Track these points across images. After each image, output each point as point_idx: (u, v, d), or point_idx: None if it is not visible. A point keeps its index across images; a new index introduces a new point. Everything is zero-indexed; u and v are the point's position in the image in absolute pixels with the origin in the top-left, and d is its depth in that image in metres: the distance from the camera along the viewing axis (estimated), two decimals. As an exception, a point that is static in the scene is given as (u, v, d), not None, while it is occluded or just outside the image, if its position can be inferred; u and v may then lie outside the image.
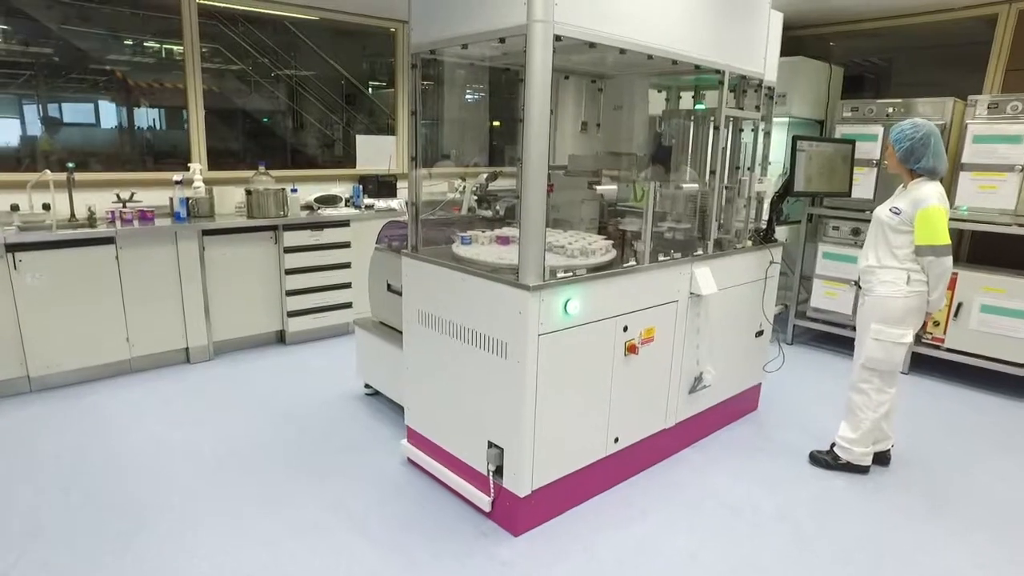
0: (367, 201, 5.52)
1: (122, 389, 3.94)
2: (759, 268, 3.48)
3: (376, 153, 6.21)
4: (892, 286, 2.83)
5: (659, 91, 3.97)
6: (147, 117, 5.63)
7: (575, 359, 2.53)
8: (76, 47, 5.16)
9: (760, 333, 3.64)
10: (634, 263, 2.67)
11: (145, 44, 5.37)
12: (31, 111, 5.03)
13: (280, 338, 4.86)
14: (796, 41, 5.70)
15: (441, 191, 6.18)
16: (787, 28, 5.83)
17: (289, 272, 4.69)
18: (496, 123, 6.49)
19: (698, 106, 3.69)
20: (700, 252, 3.02)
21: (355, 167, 5.96)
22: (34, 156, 4.86)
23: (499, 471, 2.58)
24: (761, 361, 3.74)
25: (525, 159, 2.21)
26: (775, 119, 5.01)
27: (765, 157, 3.58)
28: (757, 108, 3.23)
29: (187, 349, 4.35)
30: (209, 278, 4.37)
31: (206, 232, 4.31)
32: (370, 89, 6.94)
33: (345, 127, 6.74)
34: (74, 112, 5.37)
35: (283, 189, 4.73)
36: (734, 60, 2.97)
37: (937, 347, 4.40)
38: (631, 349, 2.73)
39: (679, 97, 3.96)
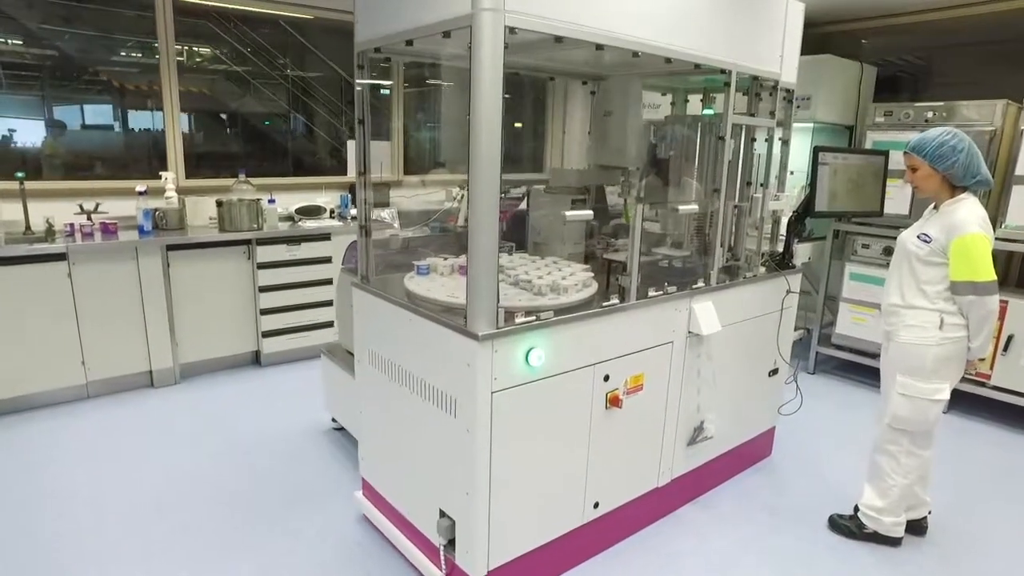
0: (355, 212, 5.17)
1: (73, 417, 3.64)
2: (774, 299, 3.02)
3: (373, 159, 5.86)
4: (921, 331, 2.34)
5: (663, 94, 3.53)
6: (154, 120, 5.32)
7: (541, 417, 2.12)
8: (60, 48, 4.90)
9: (774, 372, 3.18)
10: (616, 301, 2.24)
11: (137, 45, 5.06)
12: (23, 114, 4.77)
13: (256, 359, 4.53)
14: (824, 38, 5.18)
15: (438, 199, 5.83)
16: (813, 24, 5.31)
17: (263, 289, 4.35)
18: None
19: (706, 111, 3.25)
20: (701, 284, 2.58)
21: (347, 174, 5.62)
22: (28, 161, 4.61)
23: (452, 544, 2.18)
24: (775, 403, 3.27)
25: (472, 179, 1.81)
26: (797, 124, 4.53)
27: (782, 169, 3.12)
28: (772, 114, 2.77)
29: (151, 372, 4.04)
30: (176, 296, 4.05)
31: (171, 247, 3.99)
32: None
33: (349, 131, 6.40)
34: (68, 115, 5.09)
35: (257, 200, 4.40)
36: (744, 58, 2.52)
37: (982, 384, 3.87)
38: (613, 401, 2.31)
39: (686, 101, 3.52)
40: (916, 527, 2.67)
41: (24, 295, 3.53)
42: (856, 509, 2.70)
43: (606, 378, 2.28)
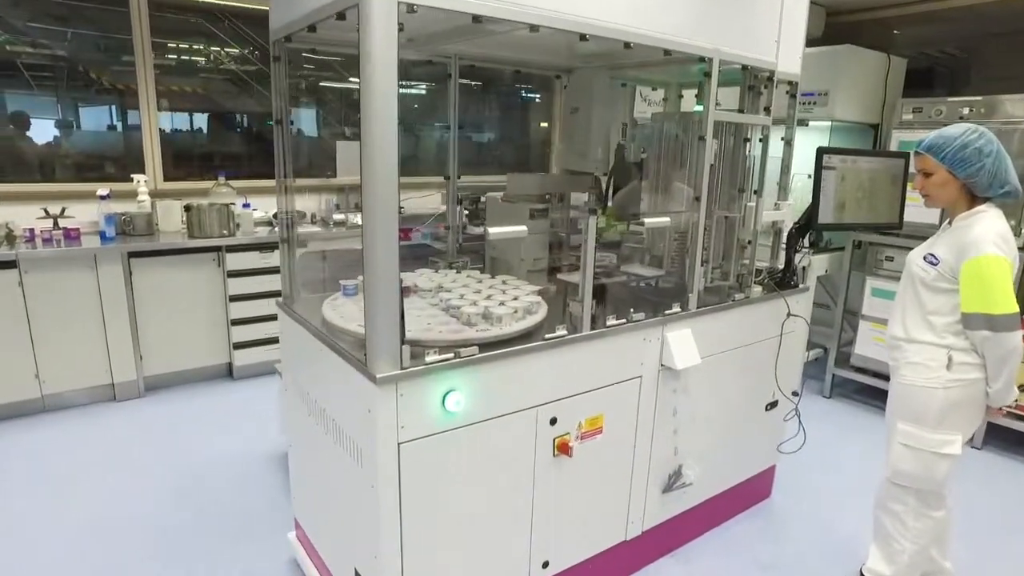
0: (338, 216, 4.91)
1: (21, 433, 3.45)
2: (771, 323, 2.62)
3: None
4: (925, 370, 1.93)
5: (653, 88, 3.16)
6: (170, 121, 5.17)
7: (468, 470, 1.80)
8: (49, 48, 4.75)
9: (773, 405, 2.78)
10: (563, 332, 1.90)
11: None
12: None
13: (229, 372, 4.30)
14: (851, 28, 4.71)
15: (435, 203, 5.54)
16: (836, 12, 4.87)
17: (234, 299, 4.12)
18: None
19: (698, 108, 2.87)
20: (677, 309, 2.21)
21: (336, 176, 5.37)
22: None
23: (370, 611, 1.87)
24: (774, 439, 2.87)
25: (365, 189, 1.49)
26: (813, 122, 4.11)
27: (784, 174, 2.72)
28: (766, 110, 2.38)
29: (113, 386, 3.84)
30: (140, 305, 3.85)
31: (133, 254, 3.78)
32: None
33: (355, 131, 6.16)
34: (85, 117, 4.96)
35: (229, 204, 4.17)
36: (729, 43, 2.14)
37: (1020, 417, 3.40)
38: (562, 449, 1.96)
39: (680, 96, 3.14)
40: (934, 598, 2.26)
41: (-27, 305, 3.36)
42: (861, 574, 2.30)
43: (553, 421, 1.94)
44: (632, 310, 2.10)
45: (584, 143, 2.31)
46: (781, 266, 2.72)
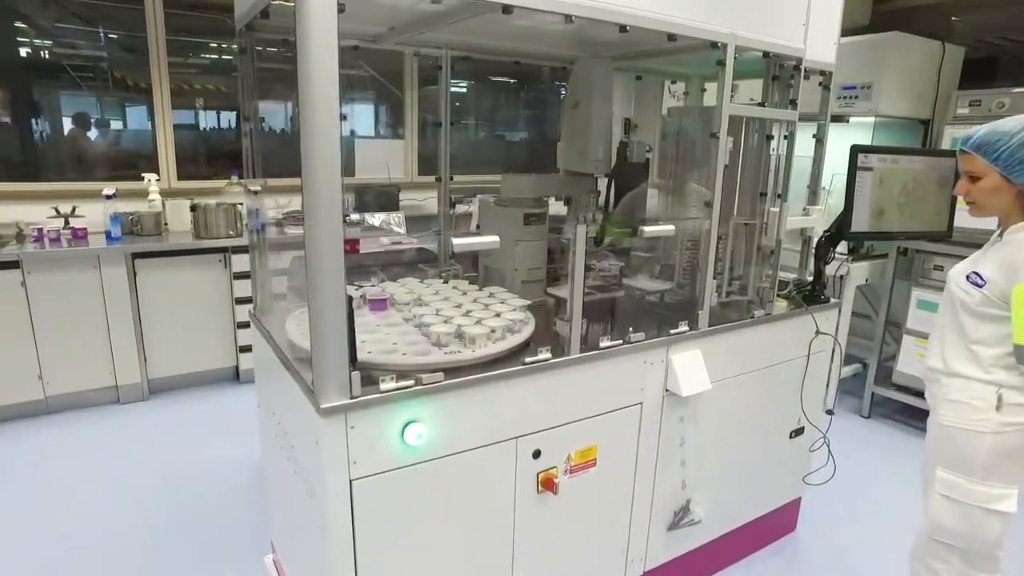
0: (353, 217, 4.76)
1: (21, 435, 3.41)
2: (797, 342, 2.35)
3: (380, 160, 5.48)
4: (970, 411, 1.62)
5: (673, 81, 2.90)
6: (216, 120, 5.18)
7: (435, 509, 1.60)
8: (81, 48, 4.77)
9: (798, 432, 2.50)
10: (547, 356, 1.68)
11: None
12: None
13: (236, 375, 4.21)
14: (903, 15, 4.33)
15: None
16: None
17: (240, 301, 4.02)
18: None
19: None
20: (684, 328, 1.97)
21: (354, 176, 5.25)
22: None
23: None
24: (800, 469, 2.59)
25: (306, 194, 1.31)
26: (855, 119, 3.77)
27: (815, 176, 2.44)
28: (792, 103, 2.11)
29: (116, 388, 3.79)
30: (145, 307, 3.78)
31: (137, 255, 3.71)
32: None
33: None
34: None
35: (236, 204, 4.07)
36: (747, 27, 1.89)
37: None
38: (547, 484, 1.75)
39: (703, 90, 2.87)
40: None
41: (-25, 305, 3.33)
42: (894, 632, 2.02)
43: (536, 454, 1.73)
44: (631, 329, 1.86)
45: (584, 141, 2.08)
46: (810, 278, 2.44)
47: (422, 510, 1.58)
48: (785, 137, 2.14)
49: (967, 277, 1.63)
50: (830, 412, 2.51)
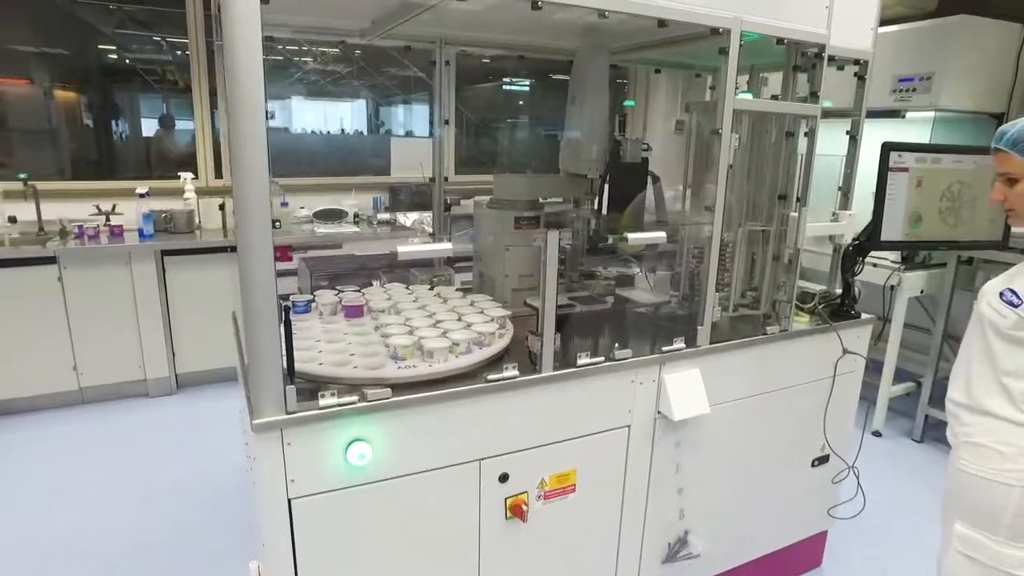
0: (383, 216, 4.77)
1: (57, 423, 3.55)
2: (821, 361, 2.12)
3: (415, 158, 5.45)
4: (996, 458, 1.36)
5: (696, 75, 2.70)
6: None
7: (389, 533, 1.50)
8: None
9: (822, 460, 2.26)
10: (513, 373, 1.55)
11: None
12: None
13: (262, 371, 4.26)
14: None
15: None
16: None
17: (316, 292, 4.04)
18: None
19: (742, 94, 2.41)
20: (680, 344, 1.79)
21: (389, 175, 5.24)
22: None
23: None
24: (826, 500, 2.35)
25: (237, 196, 1.23)
26: (912, 114, 3.43)
27: (848, 178, 2.20)
28: (814, 96, 1.89)
29: (145, 381, 3.89)
30: (173, 303, 3.87)
31: (167, 252, 3.80)
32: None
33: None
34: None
35: (264, 203, 4.11)
36: (755, 10, 1.69)
37: None
38: (516, 511, 1.62)
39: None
40: None
41: (16, 298, 3.48)
42: None
43: (503, 478, 1.60)
44: (617, 345, 1.70)
45: (577, 139, 1.93)
46: (839, 291, 2.20)
47: (373, 534, 1.48)
48: (806, 134, 1.91)
49: (1000, 295, 1.38)
50: (877, 434, 2.27)
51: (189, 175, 4.22)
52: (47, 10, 4.58)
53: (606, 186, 1.85)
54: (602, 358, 1.67)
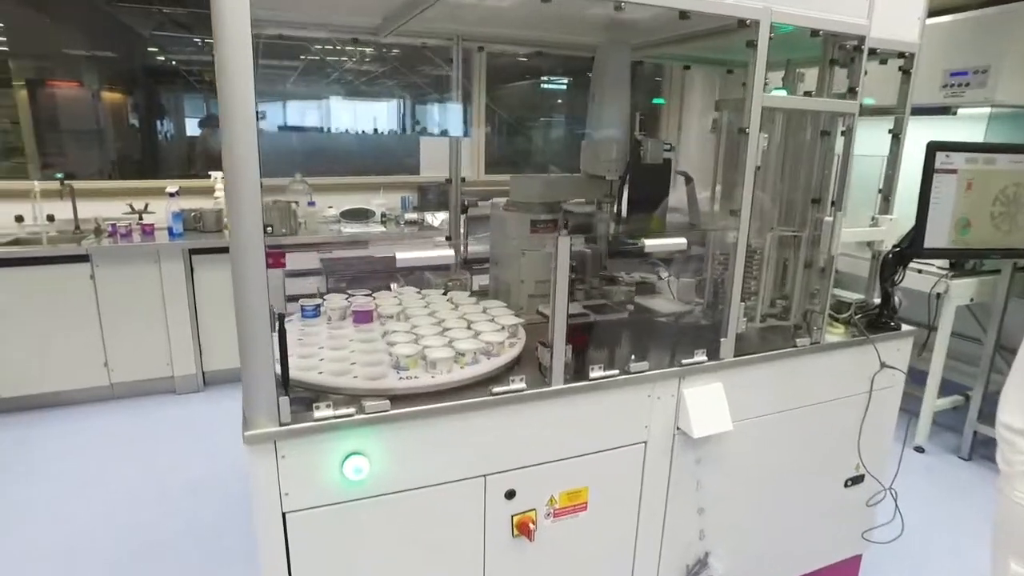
0: (410, 216, 4.74)
1: (88, 418, 3.62)
2: (855, 375, 1.99)
3: (445, 157, 5.41)
4: None
5: (728, 71, 2.57)
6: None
7: (388, 550, 1.44)
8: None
9: (856, 480, 2.12)
10: (519, 386, 1.47)
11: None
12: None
13: (288, 369, 4.28)
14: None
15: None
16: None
17: (291, 299, 4.05)
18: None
19: (776, 90, 2.28)
20: (702, 358, 1.69)
21: (419, 174, 5.23)
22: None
23: None
24: (860, 522, 2.20)
25: (228, 201, 1.19)
26: (964, 110, 3.22)
27: (889, 180, 2.05)
28: (851, 92, 1.76)
29: (173, 378, 3.95)
30: (201, 301, 3.92)
31: (194, 251, 3.84)
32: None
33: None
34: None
35: (291, 202, 4.13)
36: (786, 0, 1.58)
37: None
38: (523, 529, 1.55)
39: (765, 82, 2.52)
40: None
41: (51, 294, 3.56)
42: None
43: (510, 495, 1.53)
44: (633, 357, 1.61)
45: (598, 139, 1.84)
46: (877, 301, 2.06)
47: (372, 551, 1.42)
48: (842, 133, 1.78)
49: None
50: (920, 449, 2.12)
51: (219, 174, 4.27)
52: (95, 14, 4.69)
53: (625, 188, 1.75)
54: (617, 371, 1.58)
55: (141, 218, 4.05)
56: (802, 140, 1.93)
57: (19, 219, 3.85)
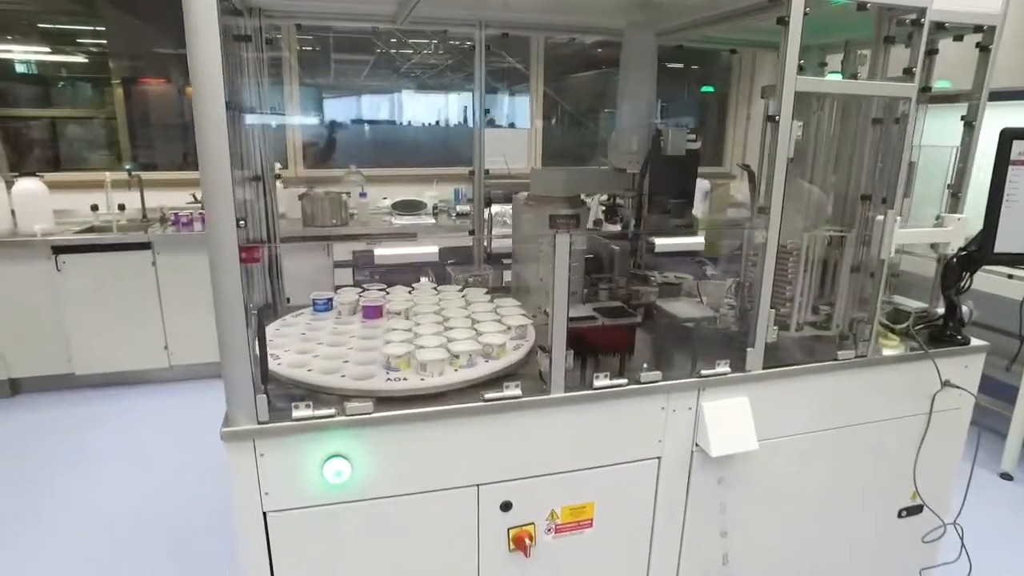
0: (462, 208, 4.71)
1: (148, 397, 3.82)
2: (912, 393, 1.77)
3: (502, 150, 5.35)
4: None
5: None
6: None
7: (374, 555, 1.39)
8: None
9: (913, 511, 1.90)
10: (515, 392, 1.38)
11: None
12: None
13: (337, 359, 4.36)
14: None
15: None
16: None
17: (338, 288, 4.12)
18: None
19: (833, 75, 2.09)
20: (725, 369, 1.54)
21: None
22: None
23: None
24: (918, 557, 1.97)
25: (203, 194, 1.16)
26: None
27: (960, 174, 1.81)
28: (908, 73, 1.55)
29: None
30: (254, 289, 4.04)
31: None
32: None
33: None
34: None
35: (342, 193, 4.18)
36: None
37: None
38: (519, 543, 1.46)
39: (823, 64, 2.30)
40: None
41: (118, 280, 3.76)
42: None
43: (506, 507, 1.44)
44: (645, 366, 1.49)
45: (620, 130, 1.71)
46: (941, 311, 1.82)
47: (356, 557, 1.38)
48: (896, 121, 1.57)
49: None
50: (1007, 476, 1.90)
51: (276, 164, 4.38)
52: (182, 15, 4.92)
53: (646, 181, 1.62)
54: (625, 380, 1.46)
55: (202, 208, 4.22)
56: (857, 129, 1.73)
57: (94, 208, 4.09)
